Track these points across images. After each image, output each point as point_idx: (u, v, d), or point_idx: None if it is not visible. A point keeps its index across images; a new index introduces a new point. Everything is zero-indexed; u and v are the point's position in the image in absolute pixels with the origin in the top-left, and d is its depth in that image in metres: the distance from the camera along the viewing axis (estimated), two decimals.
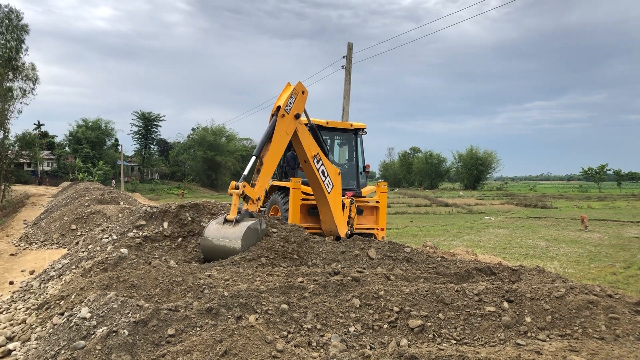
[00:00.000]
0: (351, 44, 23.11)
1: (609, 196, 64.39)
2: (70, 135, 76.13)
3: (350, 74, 22.85)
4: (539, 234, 21.69)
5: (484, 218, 32.60)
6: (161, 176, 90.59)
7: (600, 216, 31.90)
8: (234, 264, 6.75)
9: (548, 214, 35.23)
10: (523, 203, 49.01)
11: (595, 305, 5.01)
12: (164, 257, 7.02)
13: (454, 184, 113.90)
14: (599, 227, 24.50)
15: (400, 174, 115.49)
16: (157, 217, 8.33)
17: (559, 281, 6.31)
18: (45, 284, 7.41)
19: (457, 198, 57.07)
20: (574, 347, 4.22)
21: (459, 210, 41.33)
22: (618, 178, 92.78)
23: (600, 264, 13.75)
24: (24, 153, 38.44)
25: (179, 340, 4.20)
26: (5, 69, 30.31)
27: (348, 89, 22.68)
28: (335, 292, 5.39)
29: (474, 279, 6.43)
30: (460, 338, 4.67)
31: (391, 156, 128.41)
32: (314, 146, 10.10)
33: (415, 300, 5.08)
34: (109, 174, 70.26)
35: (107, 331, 4.17)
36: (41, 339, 4.80)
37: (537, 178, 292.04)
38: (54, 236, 13.55)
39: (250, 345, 3.92)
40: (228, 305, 4.70)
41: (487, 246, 17.43)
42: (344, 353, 3.99)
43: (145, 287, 5.50)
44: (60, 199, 25.57)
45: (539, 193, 74.83)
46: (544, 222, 28.17)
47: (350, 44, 23.12)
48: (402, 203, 48.55)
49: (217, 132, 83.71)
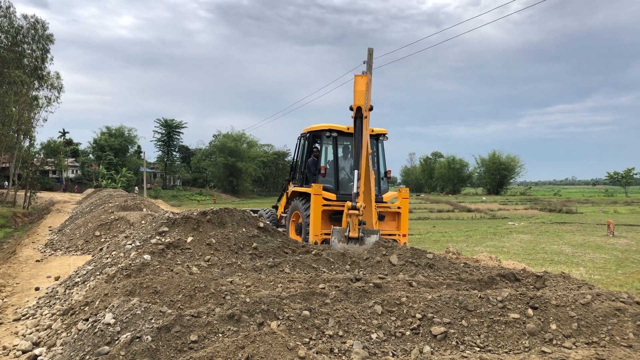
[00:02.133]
0: (371, 49, 23.07)
1: (636, 201, 63.07)
2: (94, 143, 77.33)
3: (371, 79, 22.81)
4: (563, 240, 21.35)
5: (508, 223, 32.20)
6: (183, 182, 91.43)
7: (627, 221, 31.28)
8: (255, 270, 6.77)
9: (573, 219, 34.65)
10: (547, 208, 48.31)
11: (622, 312, 4.90)
12: (187, 264, 7.07)
13: (476, 189, 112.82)
14: (626, 232, 24.02)
15: (422, 179, 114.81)
16: (179, 224, 8.40)
17: (584, 288, 6.20)
18: (70, 290, 7.52)
19: (479, 203, 56.50)
20: (601, 355, 4.14)
21: (481, 215, 40.90)
22: None
23: (627, 270, 13.47)
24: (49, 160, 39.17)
25: (201, 346, 4.22)
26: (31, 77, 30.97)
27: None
28: (357, 298, 5.37)
29: (497, 286, 6.35)
30: (483, 345, 4.61)
31: (412, 161, 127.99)
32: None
33: (437, 307, 5.04)
34: (132, 180, 71.09)
35: (130, 337, 4.21)
36: (66, 344, 4.86)
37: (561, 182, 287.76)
38: (79, 242, 13.74)
39: (272, 351, 3.92)
40: (250, 311, 4.72)
41: (511, 252, 17.20)
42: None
43: (168, 293, 5.55)
44: (84, 205, 25.96)
45: (563, 198, 73.68)
46: (569, 228, 27.72)
47: (371, 49, 23.08)
48: (424, 208, 48.22)
49: (237, 138, 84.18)
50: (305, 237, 11.61)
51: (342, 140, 12.52)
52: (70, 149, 76.59)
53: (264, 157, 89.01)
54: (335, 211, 11.68)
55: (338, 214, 11.68)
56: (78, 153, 79.24)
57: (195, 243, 7.81)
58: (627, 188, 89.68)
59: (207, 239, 7.95)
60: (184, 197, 73.07)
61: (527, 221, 34.00)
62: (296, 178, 13.42)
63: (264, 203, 51.21)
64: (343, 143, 12.63)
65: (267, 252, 8.09)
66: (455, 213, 43.98)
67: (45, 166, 40.81)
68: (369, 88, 8.95)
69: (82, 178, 73.30)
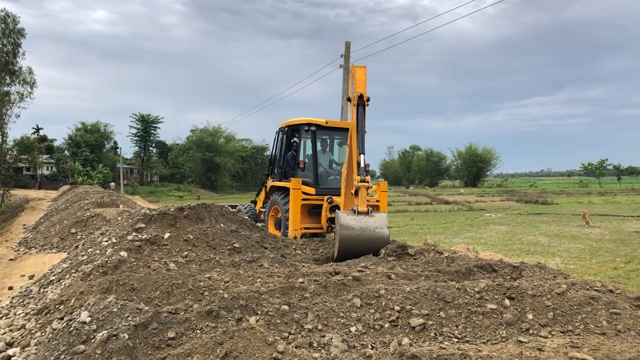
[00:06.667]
0: (349, 42, 23.09)
1: (609, 191, 64.32)
2: (69, 139, 76.04)
3: (349, 73, 22.83)
4: (540, 230, 21.67)
5: (485, 215, 32.57)
6: (160, 178, 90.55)
7: (601, 211, 31.88)
8: (234, 265, 6.74)
9: (549, 210, 35.20)
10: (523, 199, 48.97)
11: (596, 300, 4.99)
12: (164, 260, 7.00)
13: (454, 182, 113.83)
14: (600, 222, 24.48)
15: (400, 172, 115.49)
16: (156, 220, 8.31)
17: (560, 277, 6.29)
18: (44, 288, 7.39)
19: (457, 195, 57.00)
20: (576, 344, 4.20)
21: (459, 207, 41.30)
22: (618, 173, 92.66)
23: (601, 259, 13.73)
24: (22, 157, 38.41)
25: (179, 343, 4.18)
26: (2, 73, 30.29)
27: (347, 88, 22.66)
28: (336, 292, 5.37)
29: (475, 277, 6.41)
30: (461, 336, 4.65)
31: (391, 155, 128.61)
32: (349, 136, 9.72)
33: (416, 299, 5.06)
34: (109, 177, 70.15)
35: (107, 335, 4.15)
36: (41, 344, 4.77)
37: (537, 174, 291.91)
38: (54, 240, 13.52)
39: (251, 347, 3.90)
40: (228, 307, 4.69)
41: (488, 243, 17.41)
42: (345, 353, 3.97)
43: (145, 290, 5.48)
44: (59, 202, 25.55)
45: (539, 189, 74.71)
46: (544, 218, 28.14)
47: (348, 42, 23.10)
48: (403, 201, 48.51)
49: (214, 133, 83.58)
50: (285, 231, 11.59)
51: (321, 134, 12.51)
52: (45, 146, 75.16)
53: (242, 152, 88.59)
54: (315, 205, 11.68)
55: (317, 207, 11.68)
56: (53, 149, 77.83)
57: (172, 239, 7.74)
58: (600, 179, 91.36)
59: (184, 235, 7.88)
60: (162, 193, 72.40)
61: (503, 212, 34.43)
62: (275, 172, 13.38)
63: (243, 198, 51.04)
64: (322, 137, 12.62)
65: (245, 247, 8.05)
66: (434, 205, 44.31)
67: (19, 163, 39.96)
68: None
69: (57, 175, 72.08)
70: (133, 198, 37.01)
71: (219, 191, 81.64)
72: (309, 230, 11.60)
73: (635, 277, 11.04)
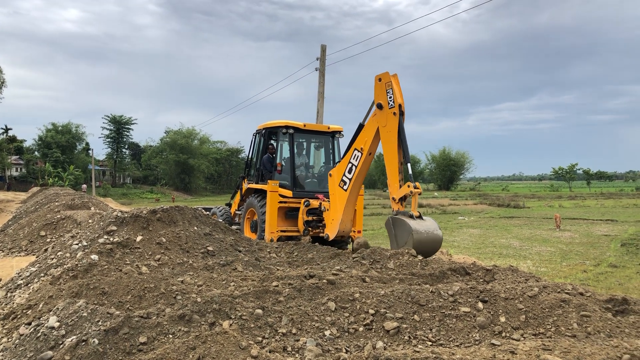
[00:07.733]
0: (324, 46, 23.13)
1: (579, 195, 65.59)
2: (39, 140, 74.49)
3: (324, 76, 22.86)
4: (512, 234, 21.96)
5: (458, 218, 32.90)
6: (133, 180, 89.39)
7: (571, 215, 32.46)
8: (207, 269, 6.67)
9: (521, 214, 35.71)
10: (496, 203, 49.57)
11: (567, 303, 5.07)
12: (136, 263, 6.89)
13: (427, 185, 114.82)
14: (570, 226, 24.93)
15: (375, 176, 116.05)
16: (128, 223, 8.17)
17: (532, 280, 6.38)
18: (12, 292, 7.19)
19: (431, 199, 57.47)
20: (547, 346, 4.26)
21: (433, 210, 41.62)
22: (587, 177, 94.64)
23: (571, 262, 13.97)
24: None
25: (151, 348, 4.11)
26: None
27: (322, 91, 22.68)
28: (311, 295, 5.35)
29: (448, 280, 6.45)
30: (435, 339, 4.67)
31: None
32: (362, 139, 10.10)
33: (390, 302, 5.07)
34: (80, 178, 68.97)
35: (76, 340, 4.05)
36: (6, 350, 4.64)
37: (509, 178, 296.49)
38: (22, 243, 13.19)
39: (224, 351, 3.86)
40: (201, 311, 4.63)
41: (461, 246, 17.57)
42: (319, 357, 3.95)
43: (117, 294, 5.38)
44: (29, 204, 24.99)
45: (511, 193, 75.80)
46: (516, 222, 28.54)
47: (324, 46, 23.13)
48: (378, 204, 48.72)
49: (188, 135, 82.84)
50: (261, 234, 11.53)
51: (298, 137, 12.49)
52: (14, 146, 73.52)
53: (217, 154, 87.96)
54: (292, 208, 11.65)
55: (294, 210, 11.65)
56: (22, 150, 76.17)
57: (145, 242, 7.62)
58: (570, 183, 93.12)
59: (157, 238, 7.77)
60: (135, 195, 71.42)
61: (476, 216, 34.83)
62: (251, 175, 13.31)
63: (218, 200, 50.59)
64: (299, 140, 12.60)
65: (219, 250, 7.97)
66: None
67: None
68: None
69: (27, 176, 70.57)
70: (105, 200, 36.44)
71: (192, 193, 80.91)
72: (285, 233, 11.56)
73: (604, 280, 11.26)
